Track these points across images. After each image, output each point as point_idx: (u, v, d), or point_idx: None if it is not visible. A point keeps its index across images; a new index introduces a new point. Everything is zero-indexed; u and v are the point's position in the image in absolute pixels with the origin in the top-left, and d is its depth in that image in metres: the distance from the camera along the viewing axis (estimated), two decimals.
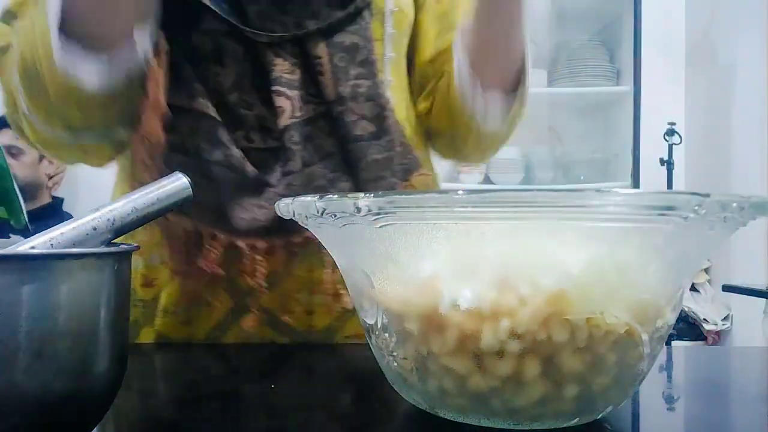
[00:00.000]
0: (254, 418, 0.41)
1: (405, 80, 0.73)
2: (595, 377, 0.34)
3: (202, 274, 0.62)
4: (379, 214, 0.33)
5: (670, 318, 0.36)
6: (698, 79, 2.68)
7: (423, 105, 0.74)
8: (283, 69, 0.61)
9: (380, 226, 0.33)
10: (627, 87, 2.45)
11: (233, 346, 0.63)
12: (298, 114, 0.61)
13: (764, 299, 1.89)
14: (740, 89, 2.42)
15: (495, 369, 0.34)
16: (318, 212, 0.35)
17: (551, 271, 0.33)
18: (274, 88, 0.61)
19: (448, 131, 0.73)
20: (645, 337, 0.35)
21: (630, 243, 0.33)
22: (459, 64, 0.66)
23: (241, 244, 0.61)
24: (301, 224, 0.39)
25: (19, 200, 0.50)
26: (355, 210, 0.33)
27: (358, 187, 0.62)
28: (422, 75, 0.74)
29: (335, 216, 0.34)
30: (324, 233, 0.40)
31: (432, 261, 0.35)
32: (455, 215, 0.33)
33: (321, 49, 0.62)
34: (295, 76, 0.61)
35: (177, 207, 0.38)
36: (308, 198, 0.36)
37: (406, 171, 0.65)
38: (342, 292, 0.64)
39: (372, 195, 0.33)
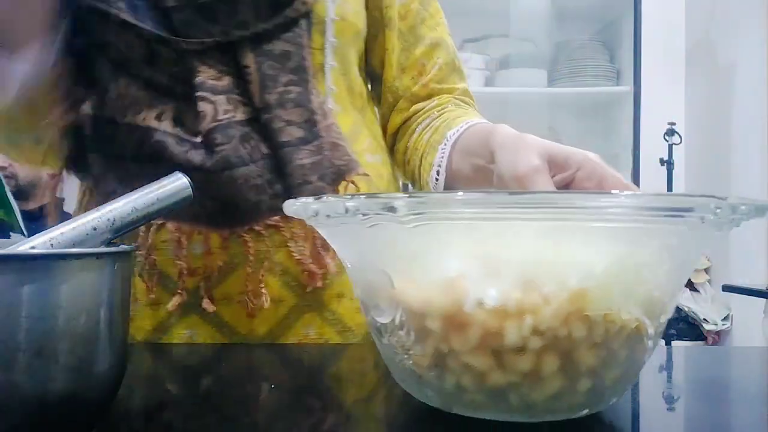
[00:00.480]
0: (264, 418, 0.41)
1: (362, 90, 0.75)
2: (608, 371, 0.36)
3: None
4: (413, 214, 0.33)
5: (671, 313, 0.39)
6: (698, 79, 2.68)
7: (396, 120, 0.77)
8: (208, 75, 0.63)
9: (413, 226, 0.34)
10: (627, 87, 2.45)
11: (231, 346, 0.63)
12: (221, 117, 0.62)
13: (764, 299, 1.89)
14: (740, 89, 2.42)
15: (515, 365, 0.35)
16: (347, 211, 0.35)
17: (575, 270, 0.34)
18: (198, 93, 0.62)
19: (409, 179, 0.76)
20: (651, 331, 0.36)
21: (649, 243, 0.35)
22: (442, 159, 0.68)
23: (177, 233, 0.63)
24: (313, 224, 0.39)
25: (13, 207, 0.50)
26: (389, 210, 0.33)
27: (288, 190, 0.63)
28: (391, 90, 0.76)
29: (365, 215, 0.34)
30: (339, 233, 0.40)
31: (459, 260, 0.36)
32: (488, 216, 0.34)
33: (249, 58, 0.63)
34: (222, 82, 0.63)
35: (177, 207, 0.38)
36: (335, 198, 0.36)
37: (338, 174, 0.66)
38: (283, 296, 0.65)
39: (407, 195, 0.33)
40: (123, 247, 0.33)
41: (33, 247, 0.34)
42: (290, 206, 0.39)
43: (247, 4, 0.63)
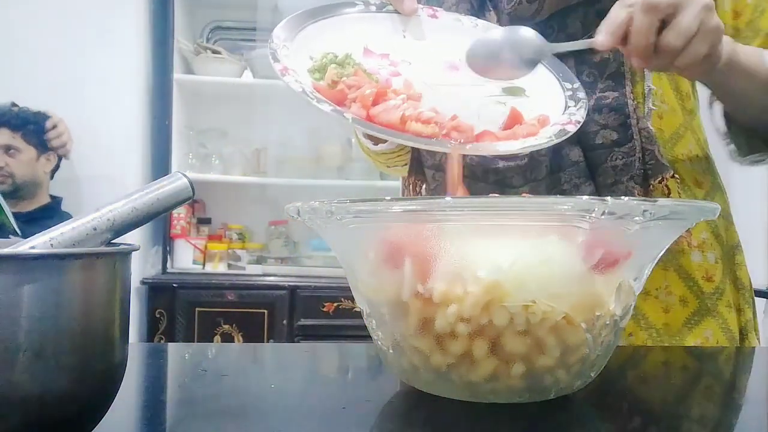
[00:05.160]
0: (268, 418, 0.41)
1: (689, 91, 0.74)
2: (539, 358, 0.40)
3: None
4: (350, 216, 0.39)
5: (615, 308, 0.41)
6: None
7: None
8: None
9: (352, 227, 0.41)
10: None
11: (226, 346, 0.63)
12: None
13: (764, 299, 1.89)
14: None
15: (451, 348, 0.40)
16: (298, 214, 0.42)
17: (487, 264, 0.39)
18: None
19: None
20: (583, 324, 0.40)
21: (550, 241, 0.39)
22: None
23: None
24: (311, 226, 0.43)
25: (3, 207, 0.50)
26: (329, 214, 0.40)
27: (598, 191, 0.67)
28: None
29: (340, 218, 0.40)
30: (329, 234, 0.45)
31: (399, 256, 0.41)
32: (416, 218, 0.39)
33: (570, 67, 0.68)
34: None
35: (177, 207, 0.38)
36: (316, 204, 0.41)
37: (646, 176, 0.68)
38: None
39: (343, 200, 0.39)
40: (123, 247, 0.33)
41: (33, 247, 0.34)
42: (287, 210, 0.44)
43: (576, 18, 0.67)
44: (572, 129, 0.61)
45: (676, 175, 0.69)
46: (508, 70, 0.62)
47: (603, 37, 0.56)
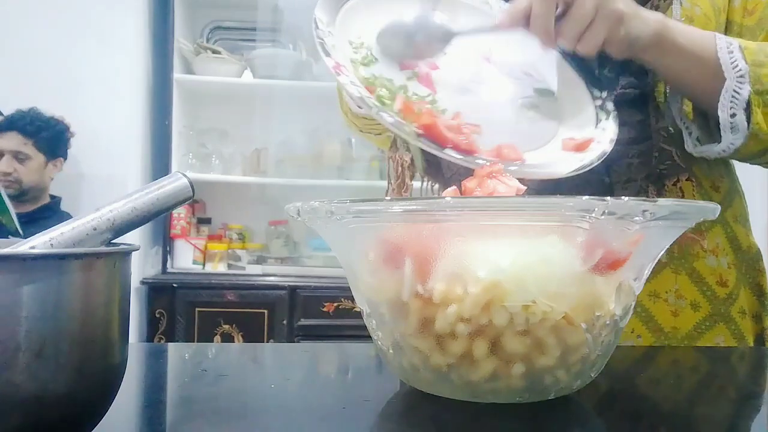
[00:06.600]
0: (276, 417, 0.41)
1: None
2: (539, 358, 0.40)
3: None
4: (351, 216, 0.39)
5: (615, 308, 0.41)
6: None
7: None
8: None
9: (352, 227, 0.41)
10: None
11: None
12: None
13: None
14: None
15: (451, 348, 0.40)
16: (298, 214, 0.42)
17: (486, 263, 0.39)
18: None
19: None
20: (583, 324, 0.40)
21: (550, 241, 0.38)
22: None
23: None
24: (311, 226, 0.44)
25: (10, 210, 0.50)
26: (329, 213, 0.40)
27: (612, 187, 0.66)
28: None
29: (340, 218, 0.40)
30: (329, 234, 0.45)
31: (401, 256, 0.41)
32: (417, 218, 0.39)
33: (593, 60, 0.67)
34: None
35: (177, 207, 0.38)
36: (316, 204, 0.41)
37: (661, 177, 0.68)
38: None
39: (338, 201, 0.39)
40: (123, 247, 0.33)
41: (33, 247, 0.34)
42: (287, 210, 0.44)
43: None
44: (608, 148, 0.62)
45: (692, 178, 0.69)
46: (420, 51, 0.66)
47: (502, 19, 0.60)
